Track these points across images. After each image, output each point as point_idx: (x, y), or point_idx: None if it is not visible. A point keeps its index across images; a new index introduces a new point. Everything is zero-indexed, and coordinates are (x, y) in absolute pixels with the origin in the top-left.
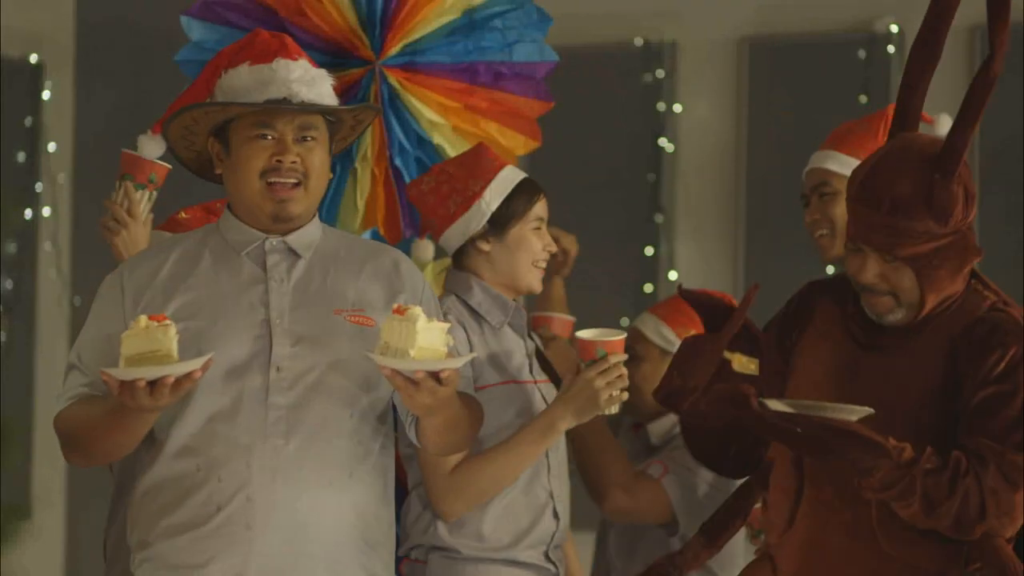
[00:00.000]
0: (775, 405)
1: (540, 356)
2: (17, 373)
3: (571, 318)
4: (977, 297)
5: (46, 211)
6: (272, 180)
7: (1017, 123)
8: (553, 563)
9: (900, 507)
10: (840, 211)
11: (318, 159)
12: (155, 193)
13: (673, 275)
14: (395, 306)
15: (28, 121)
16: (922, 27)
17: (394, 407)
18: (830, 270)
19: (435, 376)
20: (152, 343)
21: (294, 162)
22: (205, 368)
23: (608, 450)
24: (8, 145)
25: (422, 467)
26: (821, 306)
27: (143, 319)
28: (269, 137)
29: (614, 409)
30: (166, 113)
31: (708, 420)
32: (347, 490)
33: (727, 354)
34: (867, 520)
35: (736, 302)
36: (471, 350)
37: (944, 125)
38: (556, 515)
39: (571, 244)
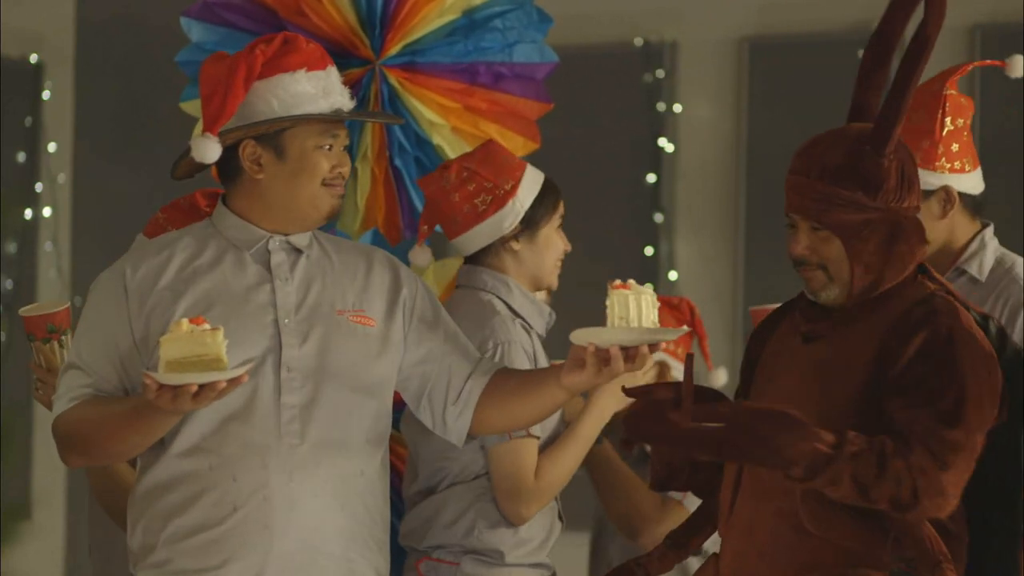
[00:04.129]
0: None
1: None
2: (17, 373)
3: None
4: (919, 287)
5: (46, 211)
6: (330, 185)
7: (1017, 123)
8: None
9: (833, 492)
10: None
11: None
12: (65, 338)
13: (673, 275)
14: (616, 282)
15: (28, 121)
16: (880, 23)
17: (397, 408)
18: None
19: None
20: (199, 347)
21: (346, 170)
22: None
23: (632, 485)
24: (8, 145)
25: (497, 470)
26: (785, 319)
27: (185, 323)
28: (331, 147)
29: None
30: (208, 113)
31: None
32: (360, 488)
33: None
34: (794, 504)
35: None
36: (534, 351)
37: (1016, 66)
38: (560, 518)
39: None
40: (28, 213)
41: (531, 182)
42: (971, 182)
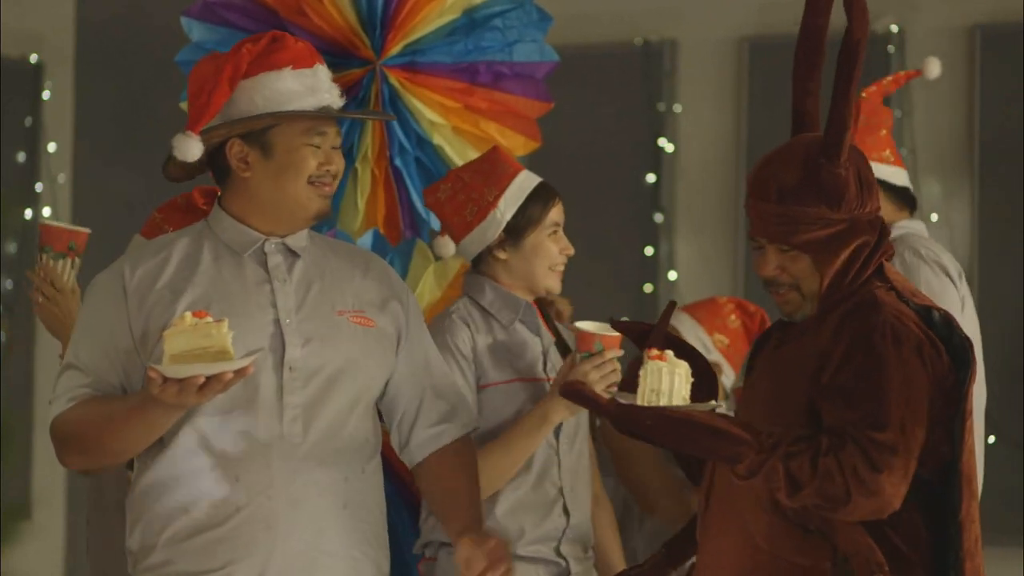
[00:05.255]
0: (626, 399)
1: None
2: (17, 373)
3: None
4: (869, 289)
5: (46, 211)
6: (317, 184)
7: (1017, 123)
8: (564, 558)
9: (772, 492)
10: None
11: (342, 166)
12: (78, 260)
13: (673, 275)
14: (653, 352)
15: (28, 121)
16: (800, 28)
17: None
18: None
19: None
20: (204, 339)
21: (335, 169)
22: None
23: (651, 461)
24: (8, 145)
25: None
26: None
27: (188, 316)
28: (319, 145)
29: None
30: (193, 111)
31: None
32: (361, 486)
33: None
34: (740, 516)
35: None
36: (474, 349)
37: (932, 68)
38: (567, 511)
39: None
40: (28, 213)
41: (517, 191)
42: (893, 174)
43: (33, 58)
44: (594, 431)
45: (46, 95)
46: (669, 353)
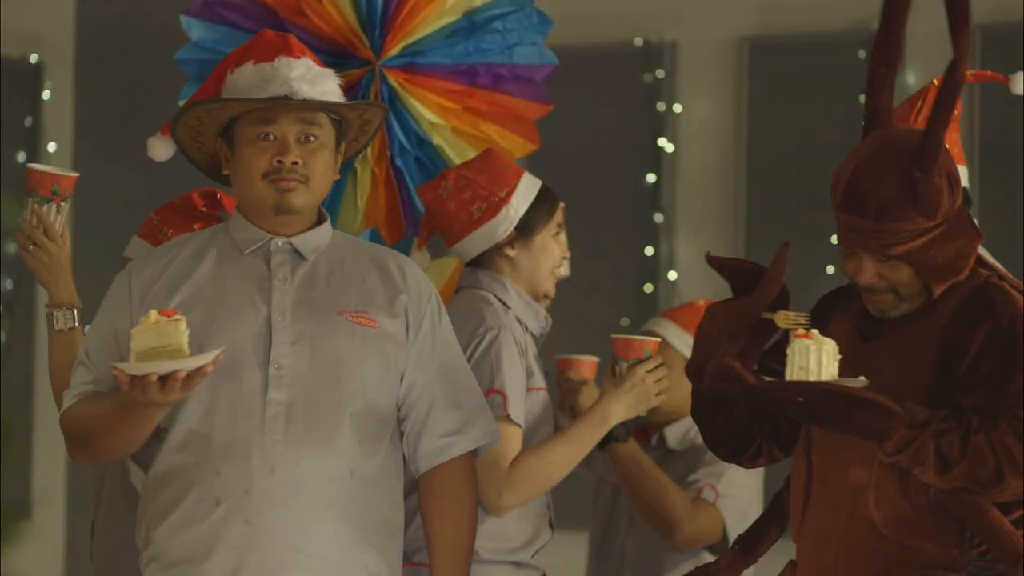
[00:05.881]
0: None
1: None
2: (17, 373)
3: (594, 358)
4: (973, 277)
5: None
6: (273, 179)
7: (1017, 123)
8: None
9: (918, 471)
10: None
11: (321, 161)
12: (64, 204)
13: (673, 275)
14: (800, 331)
15: (28, 121)
16: (880, 26)
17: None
18: (829, 270)
19: None
20: (163, 338)
21: (295, 163)
22: (215, 363)
23: (661, 485)
24: (8, 145)
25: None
26: (834, 318)
27: (153, 314)
28: (271, 137)
29: (651, 405)
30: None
31: (711, 402)
32: (349, 488)
33: (767, 314)
34: (866, 506)
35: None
36: (526, 351)
37: (1017, 84)
38: (551, 526)
39: None
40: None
41: (527, 189)
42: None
43: (33, 58)
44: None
45: (46, 95)
46: (814, 331)
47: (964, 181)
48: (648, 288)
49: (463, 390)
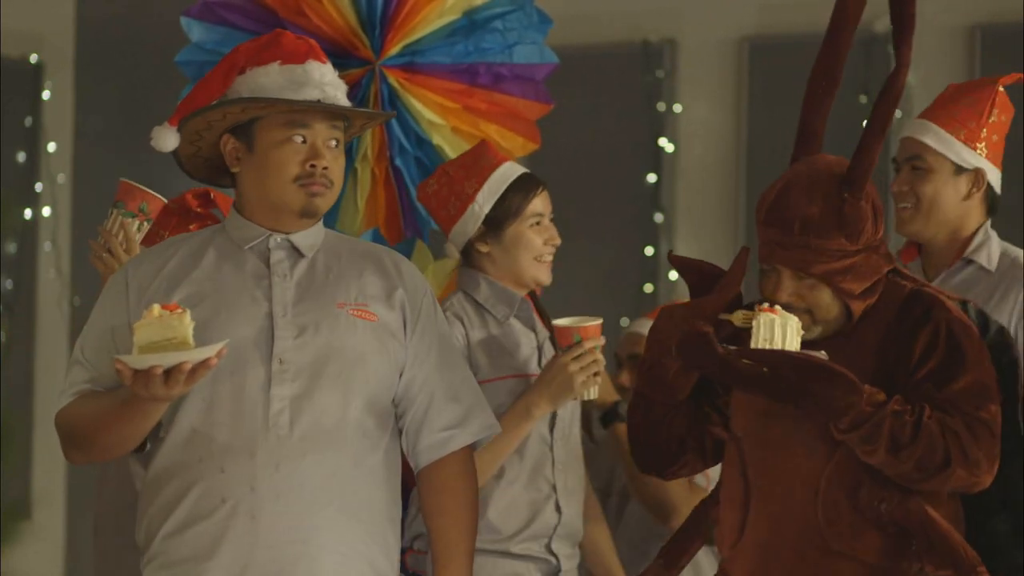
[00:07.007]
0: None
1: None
2: (17, 373)
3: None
4: (894, 287)
5: (46, 211)
6: (305, 183)
7: (1017, 123)
8: (555, 555)
9: (866, 451)
10: (930, 189)
11: (341, 165)
12: (145, 224)
13: (673, 275)
14: (764, 305)
15: (28, 121)
16: (823, 45)
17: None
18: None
19: None
20: (167, 331)
21: (326, 168)
22: (220, 355)
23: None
24: (8, 145)
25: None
26: None
27: (156, 308)
28: (302, 140)
29: (592, 394)
30: (181, 106)
31: (674, 390)
32: (353, 482)
33: (724, 315)
34: (815, 522)
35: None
36: (467, 345)
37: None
38: (559, 508)
39: None
40: (28, 213)
41: (496, 182)
42: (997, 177)
43: (33, 58)
44: (589, 429)
45: (46, 95)
46: (778, 307)
47: (997, 181)
48: (648, 288)
49: (461, 384)
